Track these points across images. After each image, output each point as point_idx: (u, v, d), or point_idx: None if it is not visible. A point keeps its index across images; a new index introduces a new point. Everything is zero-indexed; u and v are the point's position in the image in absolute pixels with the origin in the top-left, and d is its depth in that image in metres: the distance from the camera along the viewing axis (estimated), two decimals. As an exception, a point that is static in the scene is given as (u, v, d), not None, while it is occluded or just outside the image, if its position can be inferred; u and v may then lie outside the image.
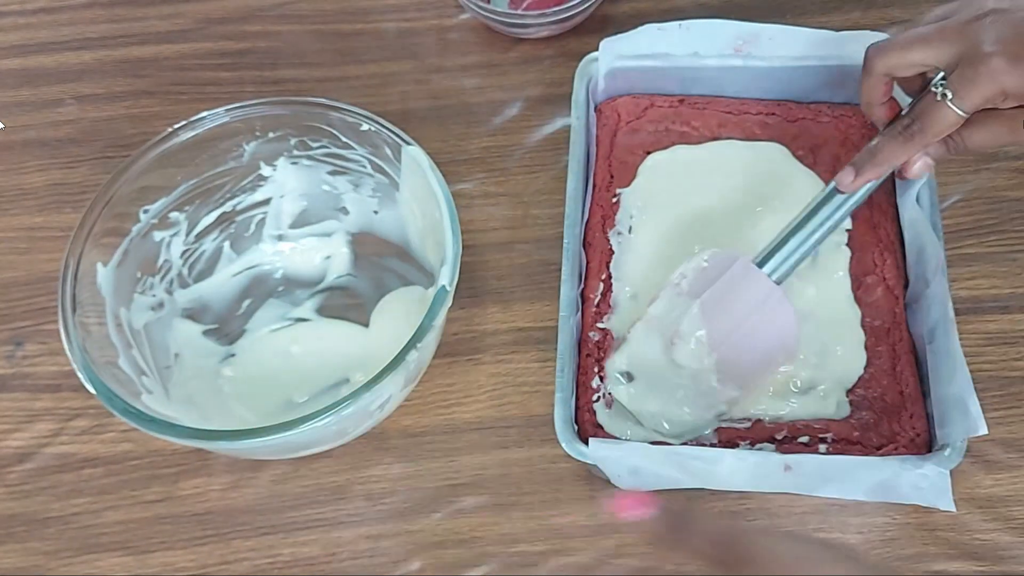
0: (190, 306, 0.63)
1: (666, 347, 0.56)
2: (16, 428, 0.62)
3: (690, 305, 0.55)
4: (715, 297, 0.55)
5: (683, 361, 0.55)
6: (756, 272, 0.55)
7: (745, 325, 0.55)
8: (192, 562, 0.58)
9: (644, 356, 0.56)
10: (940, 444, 0.53)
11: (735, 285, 0.55)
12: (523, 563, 0.57)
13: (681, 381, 0.56)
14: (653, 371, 0.56)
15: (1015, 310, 0.62)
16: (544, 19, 0.71)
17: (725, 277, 0.56)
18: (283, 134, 0.61)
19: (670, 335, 0.56)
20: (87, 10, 0.79)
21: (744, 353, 0.55)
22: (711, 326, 0.55)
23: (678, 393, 0.56)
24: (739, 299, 0.55)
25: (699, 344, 0.55)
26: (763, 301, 0.55)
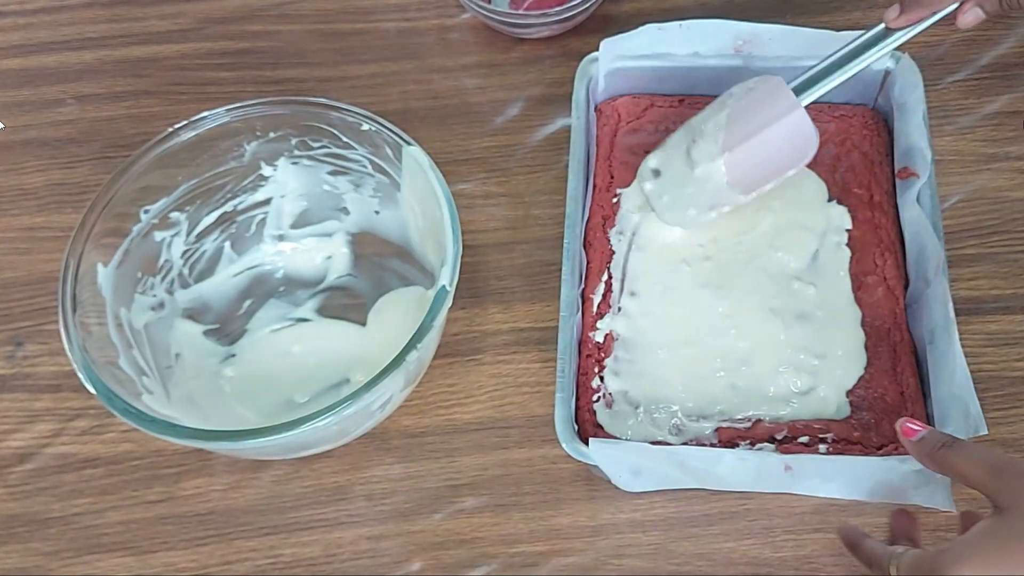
0: (191, 306, 0.63)
1: (688, 147, 0.59)
2: (17, 428, 0.62)
3: (721, 112, 0.59)
4: (742, 107, 0.58)
5: (697, 157, 0.58)
6: (784, 90, 0.58)
7: (761, 134, 0.58)
8: (193, 562, 0.58)
9: (671, 155, 0.60)
10: (941, 444, 0.53)
11: (762, 98, 0.58)
12: (524, 563, 0.57)
13: (693, 177, 0.59)
14: (673, 168, 0.60)
15: (1016, 311, 0.62)
16: (545, 19, 0.71)
17: (756, 91, 0.58)
18: (284, 134, 0.61)
19: (694, 136, 0.59)
20: (87, 10, 0.79)
21: (754, 158, 0.58)
22: (730, 130, 0.58)
23: (688, 189, 0.59)
24: (762, 110, 0.58)
25: (714, 144, 0.58)
26: (783, 115, 0.57)
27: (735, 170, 0.58)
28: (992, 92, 0.70)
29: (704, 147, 0.58)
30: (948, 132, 0.69)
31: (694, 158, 0.59)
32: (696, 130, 0.59)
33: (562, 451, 0.53)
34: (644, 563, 0.56)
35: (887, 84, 0.65)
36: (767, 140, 0.58)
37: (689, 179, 0.59)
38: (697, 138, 0.59)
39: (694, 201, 0.60)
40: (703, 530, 0.57)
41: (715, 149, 0.58)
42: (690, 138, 0.60)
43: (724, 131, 0.58)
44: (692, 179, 0.59)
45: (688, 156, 0.59)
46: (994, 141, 0.68)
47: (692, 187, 0.59)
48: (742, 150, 0.58)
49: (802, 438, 0.56)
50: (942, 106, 0.70)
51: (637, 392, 0.57)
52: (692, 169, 0.59)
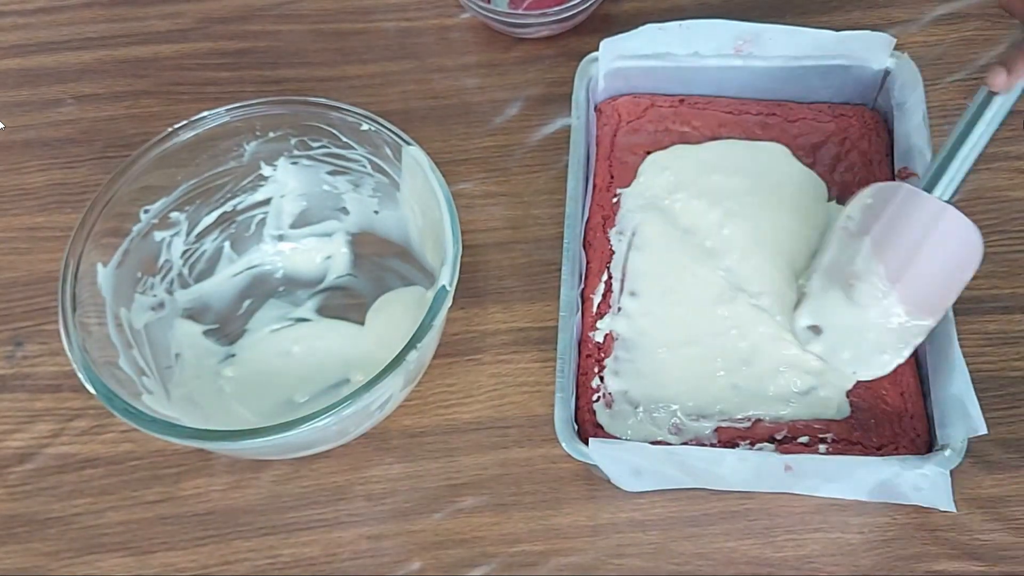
0: (190, 306, 0.63)
1: (846, 292, 0.54)
2: (16, 428, 0.62)
3: (861, 243, 0.54)
4: (884, 230, 0.53)
5: (865, 301, 0.53)
6: (921, 195, 0.53)
7: (922, 251, 0.53)
8: (193, 562, 0.58)
9: (827, 306, 0.55)
10: (940, 444, 0.53)
11: (902, 213, 0.53)
12: (523, 563, 0.57)
13: (870, 323, 0.54)
14: (840, 320, 0.55)
15: (1015, 310, 0.62)
16: (544, 19, 0.71)
17: (891, 208, 0.54)
18: (283, 134, 0.61)
19: (846, 278, 0.54)
20: (87, 10, 0.79)
21: (926, 278, 0.53)
22: (886, 259, 0.53)
23: (869, 336, 0.54)
24: (910, 226, 0.53)
25: (878, 280, 0.53)
26: (934, 222, 0.53)
27: (912, 298, 0.53)
28: (992, 92, 0.70)
29: (867, 288, 0.53)
30: (947, 132, 0.68)
31: (862, 302, 0.53)
32: (841, 272, 0.55)
33: (562, 451, 0.53)
34: (644, 563, 0.56)
35: (887, 84, 0.65)
36: (933, 255, 0.53)
37: (867, 325, 0.54)
38: (852, 280, 0.54)
39: (883, 345, 0.54)
40: (703, 530, 0.57)
41: (882, 284, 0.53)
42: (839, 280, 0.55)
43: (880, 262, 0.53)
44: (870, 325, 0.54)
45: (851, 301, 0.54)
46: (993, 141, 0.67)
47: (873, 332, 0.54)
48: (911, 276, 0.53)
49: (802, 438, 0.56)
50: (942, 106, 0.70)
51: (637, 392, 0.57)
52: (864, 314, 0.54)
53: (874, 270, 0.53)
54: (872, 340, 0.54)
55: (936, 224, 0.53)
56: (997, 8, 0.73)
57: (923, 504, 0.51)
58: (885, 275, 0.53)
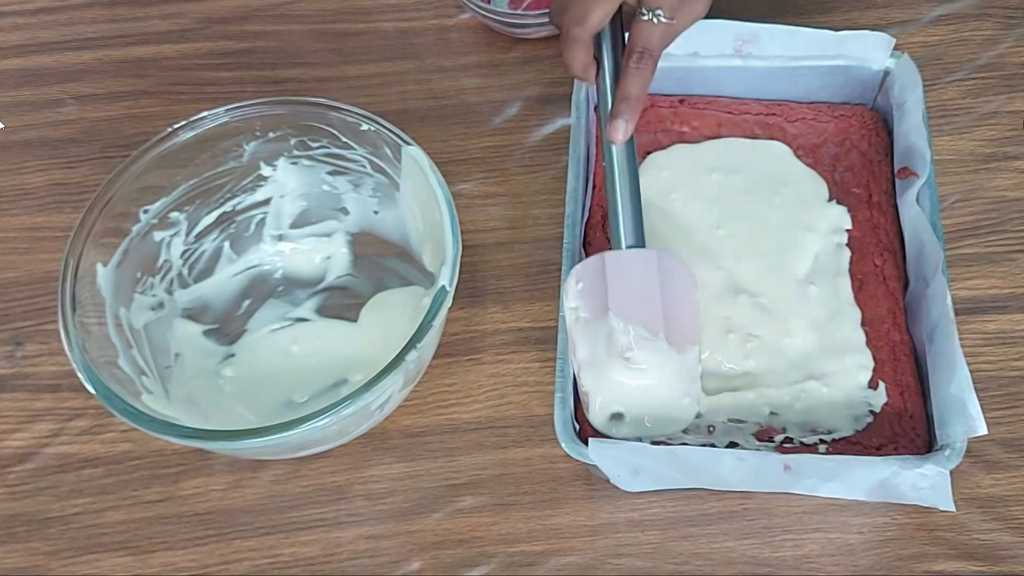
0: (190, 306, 0.63)
1: (624, 370, 0.53)
2: (16, 428, 0.62)
3: (606, 322, 0.53)
4: (618, 298, 0.54)
5: (647, 365, 0.53)
6: (621, 254, 0.55)
7: (659, 294, 0.54)
8: (193, 562, 0.58)
9: (614, 393, 0.54)
10: (940, 444, 0.53)
11: (622, 275, 0.54)
12: (522, 563, 0.57)
13: (660, 382, 0.54)
14: (632, 396, 0.54)
15: (1014, 310, 0.62)
16: (544, 19, 0.71)
17: (609, 278, 0.54)
18: (283, 134, 0.61)
19: (617, 358, 0.53)
20: (87, 10, 0.79)
21: (676, 314, 0.54)
22: (640, 318, 0.53)
23: (660, 392, 0.54)
24: (636, 282, 0.54)
25: (647, 339, 0.53)
26: (648, 266, 0.54)
27: (675, 336, 0.53)
28: (991, 92, 0.70)
29: (643, 352, 0.53)
30: (947, 132, 0.69)
31: (644, 366, 0.53)
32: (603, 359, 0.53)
33: (561, 451, 0.53)
34: (643, 562, 0.56)
35: (886, 84, 0.65)
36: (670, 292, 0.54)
37: (654, 385, 0.53)
38: (626, 355, 0.53)
39: (675, 393, 0.54)
40: (702, 530, 0.57)
41: (654, 340, 0.52)
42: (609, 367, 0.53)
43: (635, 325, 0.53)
44: (657, 383, 0.53)
45: (633, 373, 0.53)
46: (993, 141, 0.68)
47: (662, 388, 0.53)
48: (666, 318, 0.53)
49: (801, 438, 0.56)
50: (941, 106, 0.70)
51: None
52: (649, 376, 0.53)
53: (638, 332, 0.53)
54: (664, 395, 0.54)
55: (651, 269, 0.54)
56: (997, 8, 0.74)
57: (922, 504, 0.51)
58: (649, 332, 0.53)
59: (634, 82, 0.54)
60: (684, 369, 0.54)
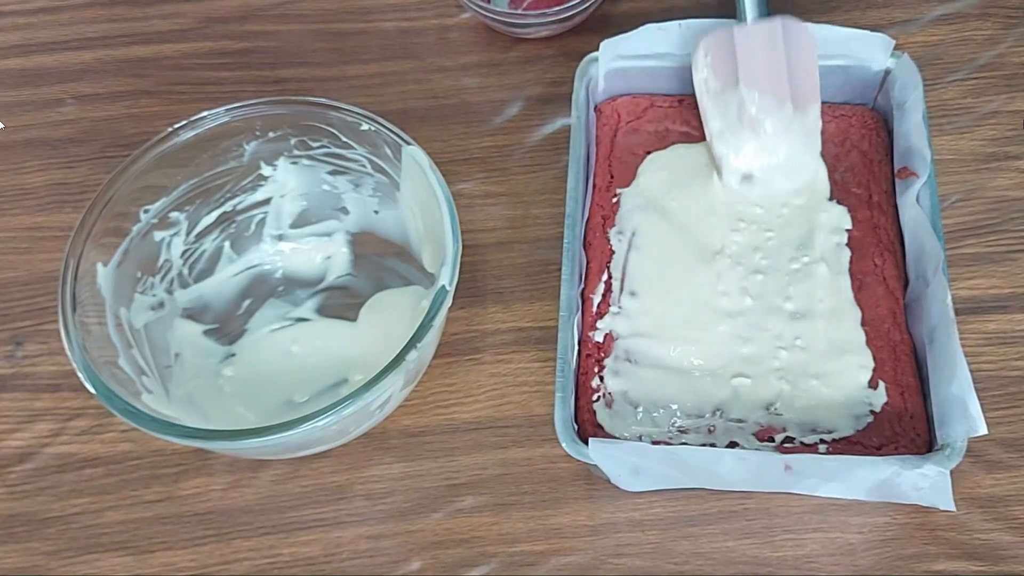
0: (190, 306, 0.63)
1: (754, 136, 0.60)
2: (16, 428, 0.62)
3: (736, 93, 0.60)
4: (748, 69, 0.60)
5: (775, 129, 0.60)
6: (746, 26, 0.60)
7: (784, 62, 0.60)
8: (193, 562, 0.58)
9: (744, 154, 0.61)
10: (940, 444, 0.53)
11: (751, 47, 0.60)
12: (523, 562, 0.57)
13: (786, 142, 0.60)
14: (762, 157, 0.60)
15: (1015, 310, 0.62)
16: (544, 19, 0.71)
17: (738, 50, 0.60)
18: (283, 134, 0.61)
19: (748, 126, 0.60)
20: (87, 9, 0.79)
21: (801, 77, 0.60)
22: (767, 88, 0.60)
23: (789, 151, 0.60)
24: (764, 53, 0.60)
25: (778, 107, 0.59)
26: (774, 36, 0.60)
27: (799, 98, 0.60)
28: (992, 92, 0.70)
29: (773, 119, 0.60)
30: (947, 132, 0.69)
31: (772, 131, 0.59)
32: (736, 126, 0.60)
33: (561, 450, 0.53)
34: (643, 562, 0.56)
35: (886, 84, 0.65)
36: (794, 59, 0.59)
37: (777, 145, 0.60)
38: (759, 120, 0.60)
39: (798, 150, 0.60)
40: (702, 529, 0.57)
41: (784, 108, 0.59)
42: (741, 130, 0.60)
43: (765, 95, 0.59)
44: (780, 143, 0.60)
45: (765, 136, 0.60)
46: (993, 141, 0.68)
47: (783, 147, 0.60)
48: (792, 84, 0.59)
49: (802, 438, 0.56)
50: (941, 106, 0.70)
51: (637, 392, 0.57)
52: (775, 138, 0.60)
53: (767, 101, 0.60)
54: (788, 153, 0.60)
55: (777, 38, 0.60)
56: (997, 8, 0.74)
57: (923, 504, 0.51)
58: (776, 99, 0.60)
59: None
60: (807, 128, 0.61)
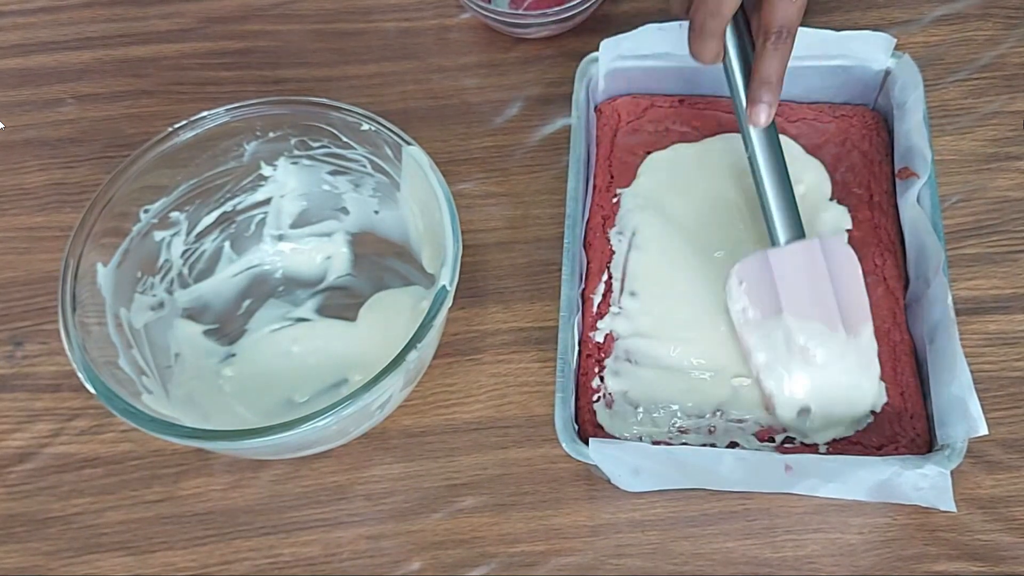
0: (190, 306, 0.63)
1: (806, 368, 0.55)
2: (16, 428, 0.62)
3: (780, 323, 0.55)
4: (790, 296, 0.55)
5: (827, 359, 0.55)
6: (783, 250, 0.56)
7: (827, 284, 0.55)
8: (193, 562, 0.58)
9: (798, 391, 0.56)
10: (940, 444, 0.53)
11: (789, 273, 0.55)
12: (523, 563, 0.57)
13: (841, 370, 0.55)
14: (818, 390, 0.56)
15: (1016, 310, 0.62)
16: (544, 19, 0.71)
17: (777, 277, 0.55)
18: (283, 134, 0.61)
19: (798, 358, 0.55)
20: (87, 9, 0.79)
21: (849, 298, 0.56)
22: (814, 316, 0.55)
23: (843, 380, 0.56)
24: (805, 279, 0.55)
25: (829, 336, 0.55)
26: (817, 259, 0.55)
27: (849, 324, 0.55)
28: (992, 92, 0.70)
29: (824, 349, 0.55)
30: (948, 132, 0.69)
31: (825, 362, 0.55)
32: (783, 359, 0.55)
33: (562, 451, 0.53)
34: (643, 562, 0.56)
35: (887, 84, 0.65)
36: (837, 282, 0.55)
37: (836, 375, 0.56)
38: (809, 353, 0.55)
39: (857, 377, 0.56)
40: (702, 530, 0.57)
41: (834, 337, 0.55)
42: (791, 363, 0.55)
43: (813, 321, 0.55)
44: (838, 372, 0.56)
45: (819, 367, 0.55)
46: (994, 141, 0.68)
47: (844, 376, 0.56)
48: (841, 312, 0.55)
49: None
50: (942, 106, 0.70)
51: (637, 392, 0.57)
52: (830, 368, 0.55)
53: (816, 330, 0.55)
54: (847, 382, 0.56)
55: (816, 259, 0.55)
56: (998, 8, 0.74)
57: (923, 504, 0.51)
58: (827, 326, 0.55)
59: (773, 63, 0.53)
60: (861, 352, 0.56)
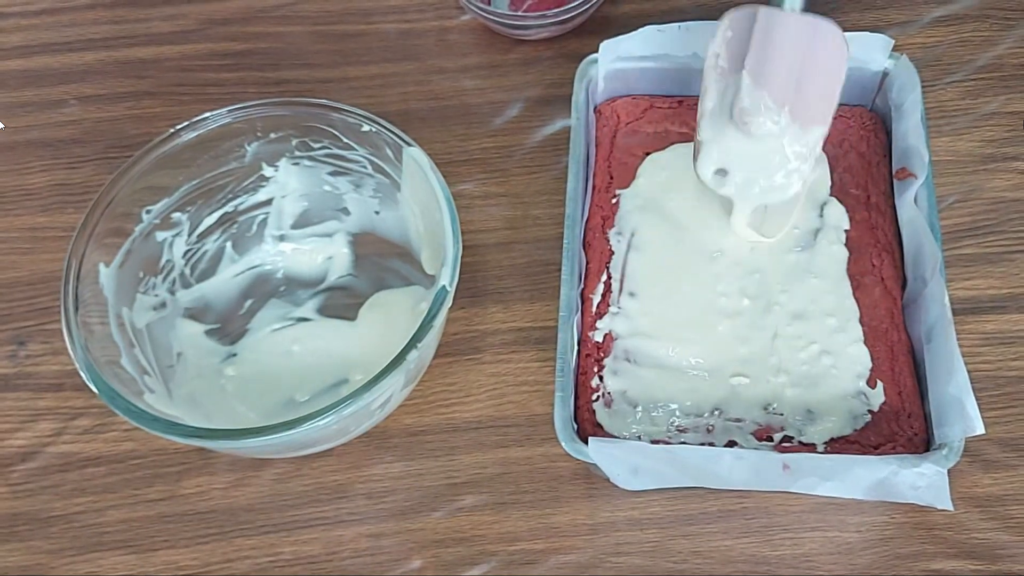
0: (192, 306, 0.63)
1: (742, 129, 0.53)
2: (19, 427, 0.63)
3: (739, 79, 0.53)
4: (757, 58, 0.53)
5: (762, 132, 0.53)
6: (779, 14, 0.54)
7: (799, 67, 0.53)
8: (195, 560, 0.58)
9: (726, 147, 0.54)
10: (938, 444, 0.54)
11: (769, 37, 0.53)
12: (522, 561, 0.57)
13: (770, 149, 0.53)
14: (742, 156, 0.54)
15: (1012, 310, 0.63)
16: (544, 20, 0.72)
17: (756, 35, 0.53)
18: (285, 135, 0.61)
19: (737, 116, 0.53)
20: (90, 11, 0.79)
21: (809, 90, 0.53)
22: (769, 86, 0.53)
23: (774, 160, 0.54)
24: (781, 47, 0.53)
25: (769, 108, 0.53)
26: (801, 37, 0.53)
27: (801, 112, 0.53)
28: (990, 93, 0.71)
29: (761, 118, 0.52)
30: (945, 133, 0.69)
31: (758, 133, 0.53)
32: (728, 110, 0.54)
33: (561, 450, 0.54)
34: (642, 561, 0.57)
35: (885, 85, 0.65)
36: (810, 67, 0.53)
37: (767, 152, 0.54)
38: (745, 117, 0.53)
39: (787, 165, 0.54)
40: (701, 528, 0.57)
41: (774, 111, 0.52)
42: (729, 119, 0.53)
43: (763, 90, 0.52)
44: (771, 150, 0.54)
45: (748, 135, 0.53)
46: (991, 142, 0.69)
47: (776, 155, 0.54)
48: (797, 93, 0.52)
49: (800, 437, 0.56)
50: (940, 107, 0.70)
51: (636, 391, 0.57)
52: (764, 143, 0.53)
53: (762, 100, 0.53)
54: (776, 164, 0.54)
55: (803, 38, 0.53)
56: (995, 9, 0.74)
57: (920, 503, 0.51)
58: (773, 101, 0.53)
59: None
60: (800, 146, 0.54)
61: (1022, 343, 0.61)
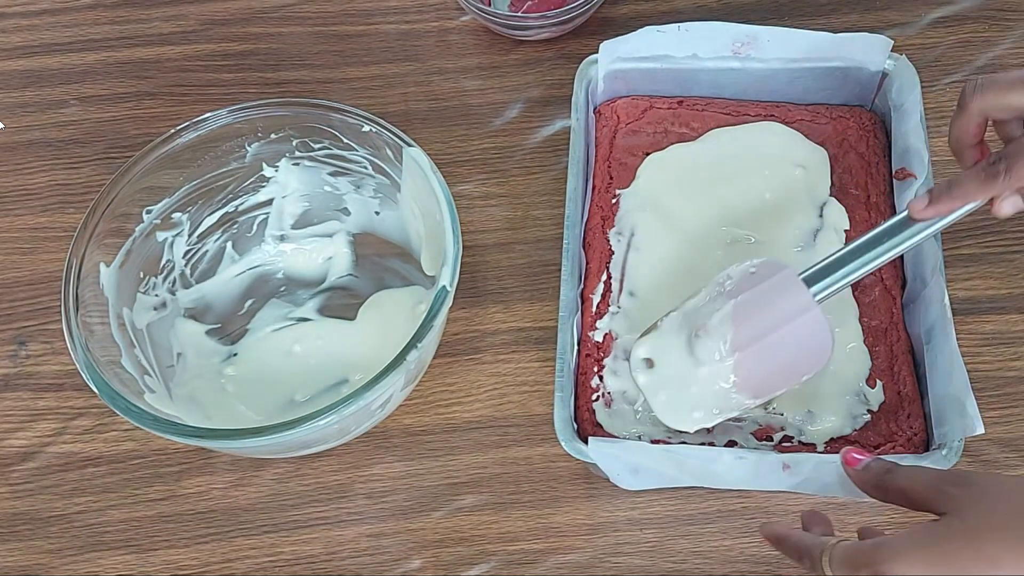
0: (193, 306, 0.63)
1: (691, 341, 0.54)
2: (19, 427, 0.63)
3: (725, 304, 0.53)
4: (750, 300, 0.53)
5: (702, 356, 0.53)
6: (799, 286, 0.53)
7: (774, 335, 0.53)
8: (195, 560, 0.58)
9: (668, 346, 0.54)
10: (937, 444, 0.54)
11: (774, 293, 0.53)
12: (522, 561, 0.57)
13: (697, 377, 0.54)
14: (673, 363, 0.54)
15: (1012, 310, 0.63)
16: (544, 21, 0.72)
17: (766, 284, 0.53)
18: (285, 135, 0.61)
19: (696, 328, 0.54)
20: (90, 12, 0.79)
21: (766, 362, 0.53)
22: (739, 327, 0.53)
23: (692, 389, 0.54)
24: (774, 308, 0.53)
25: (722, 342, 0.53)
26: (798, 315, 0.52)
27: (745, 373, 0.53)
28: (989, 94, 0.71)
29: (709, 344, 0.53)
30: (945, 133, 0.69)
31: (699, 356, 0.53)
32: (697, 321, 0.54)
33: (561, 450, 0.54)
34: (642, 561, 0.57)
35: (884, 85, 0.65)
36: (782, 342, 0.52)
37: (692, 378, 0.54)
38: (701, 332, 0.53)
39: (699, 403, 0.54)
40: (700, 528, 0.57)
41: (723, 348, 0.52)
42: (690, 329, 0.54)
43: (732, 327, 0.52)
44: (696, 379, 0.54)
45: (690, 351, 0.53)
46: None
47: (696, 387, 0.54)
48: (753, 352, 0.52)
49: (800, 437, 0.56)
50: (939, 107, 0.70)
51: (636, 391, 0.57)
52: (696, 368, 0.53)
53: (723, 333, 0.53)
54: (693, 394, 0.54)
55: (796, 318, 0.52)
56: (995, 10, 0.74)
57: (920, 503, 0.51)
58: (730, 341, 0.53)
59: (968, 182, 0.51)
60: (725, 399, 0.54)
61: (1022, 343, 0.62)
